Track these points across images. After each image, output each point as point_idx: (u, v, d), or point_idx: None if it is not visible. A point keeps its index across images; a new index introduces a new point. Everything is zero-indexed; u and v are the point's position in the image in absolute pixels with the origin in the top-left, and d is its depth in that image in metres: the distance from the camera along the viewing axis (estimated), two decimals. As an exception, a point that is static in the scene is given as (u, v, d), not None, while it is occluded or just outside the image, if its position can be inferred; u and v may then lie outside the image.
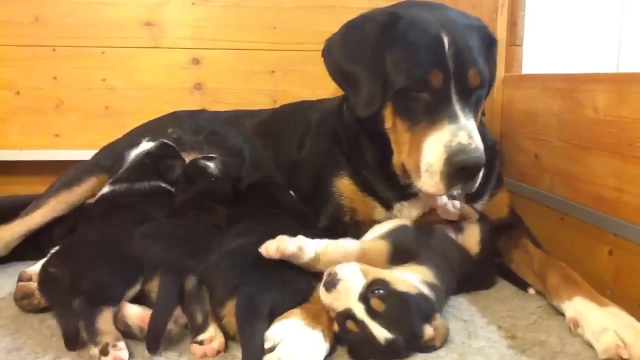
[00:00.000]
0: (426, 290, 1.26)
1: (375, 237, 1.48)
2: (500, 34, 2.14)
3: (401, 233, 1.47)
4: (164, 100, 2.78)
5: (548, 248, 1.69)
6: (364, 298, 1.15)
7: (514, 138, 2.06)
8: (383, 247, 1.38)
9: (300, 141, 2.05)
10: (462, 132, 1.40)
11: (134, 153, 1.92)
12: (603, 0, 2.36)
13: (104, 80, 2.82)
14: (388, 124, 1.55)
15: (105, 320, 1.26)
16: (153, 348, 1.24)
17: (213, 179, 1.87)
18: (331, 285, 1.17)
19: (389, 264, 1.35)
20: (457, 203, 1.58)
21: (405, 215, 1.66)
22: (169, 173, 1.89)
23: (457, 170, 1.39)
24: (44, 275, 1.38)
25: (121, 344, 1.23)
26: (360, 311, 1.15)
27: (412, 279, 1.27)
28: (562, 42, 2.23)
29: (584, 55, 2.28)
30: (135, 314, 1.32)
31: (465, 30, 1.52)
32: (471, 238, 1.57)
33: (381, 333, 1.13)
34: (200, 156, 2.01)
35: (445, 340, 1.26)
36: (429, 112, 1.45)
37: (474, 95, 1.49)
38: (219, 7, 2.86)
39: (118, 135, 2.27)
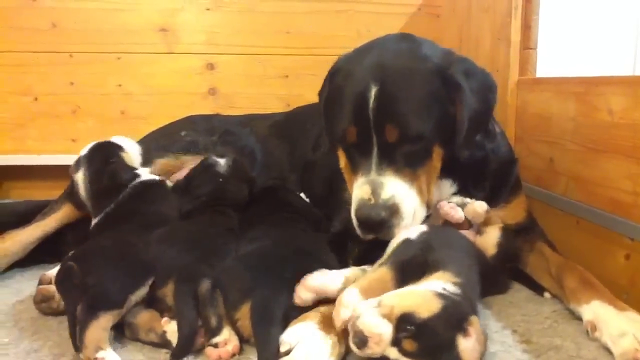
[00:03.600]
0: (452, 291, 1.21)
1: (375, 266, 1.41)
2: (514, 37, 2.13)
3: (404, 251, 1.40)
4: (179, 105, 2.81)
5: (563, 252, 1.67)
6: (396, 341, 1.14)
7: (528, 142, 2.05)
8: (386, 275, 1.30)
9: (316, 142, 2.06)
10: (366, 186, 1.45)
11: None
12: (619, 2, 2.34)
13: (119, 85, 2.86)
14: (342, 164, 1.62)
15: (95, 328, 1.24)
16: (180, 357, 1.25)
17: (220, 179, 1.83)
18: (362, 344, 1.14)
19: (398, 285, 1.28)
20: (455, 205, 1.58)
21: None
22: (113, 176, 1.81)
23: (358, 222, 1.47)
24: (62, 269, 1.38)
25: (100, 354, 1.21)
26: (394, 354, 1.12)
27: (434, 287, 1.22)
28: (577, 45, 2.22)
29: (599, 58, 2.27)
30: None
31: (402, 78, 1.48)
32: (490, 240, 1.55)
33: None
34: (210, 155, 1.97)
35: (484, 347, 1.17)
36: (355, 162, 1.52)
37: (400, 149, 1.46)
38: (233, 12, 2.89)
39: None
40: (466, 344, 1.10)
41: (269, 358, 1.15)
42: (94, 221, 1.77)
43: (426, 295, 1.18)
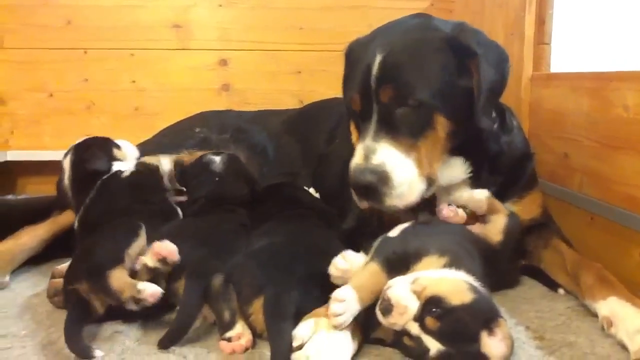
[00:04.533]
0: (482, 288, 1.23)
1: (364, 262, 1.41)
2: (528, 32, 2.12)
3: (384, 247, 1.41)
4: (192, 101, 2.82)
5: (577, 249, 1.66)
6: (420, 318, 1.15)
7: (542, 137, 2.04)
8: (376, 269, 1.30)
9: (330, 135, 2.07)
10: (361, 151, 1.46)
11: None
12: (634, -4, 2.31)
13: (133, 81, 2.89)
14: (354, 139, 1.62)
15: (117, 278, 1.30)
16: (166, 346, 1.27)
17: (217, 179, 1.82)
18: (387, 311, 1.17)
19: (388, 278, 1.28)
20: (454, 208, 1.57)
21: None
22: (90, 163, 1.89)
23: (352, 186, 1.47)
24: (66, 293, 1.41)
25: (141, 286, 1.27)
26: (415, 329, 1.15)
27: (466, 279, 1.24)
28: (592, 40, 2.19)
29: (614, 53, 2.24)
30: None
31: (408, 47, 1.49)
32: (495, 227, 1.53)
33: (435, 346, 1.13)
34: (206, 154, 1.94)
35: (509, 351, 1.15)
36: (359, 131, 1.55)
37: (398, 113, 1.46)
38: (246, 8, 2.90)
39: (147, 135, 2.31)
40: (489, 342, 1.11)
41: (283, 352, 1.16)
42: (75, 220, 1.80)
43: (460, 285, 1.20)
